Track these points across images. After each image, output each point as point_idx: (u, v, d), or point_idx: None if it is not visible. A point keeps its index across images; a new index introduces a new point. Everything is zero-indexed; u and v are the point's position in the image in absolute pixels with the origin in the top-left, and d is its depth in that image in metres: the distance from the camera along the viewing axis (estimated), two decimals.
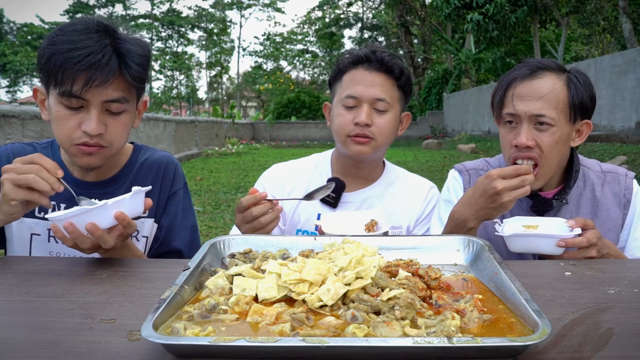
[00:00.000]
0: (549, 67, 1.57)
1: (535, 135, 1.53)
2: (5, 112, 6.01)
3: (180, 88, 49.81)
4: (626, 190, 1.65)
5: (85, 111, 1.37)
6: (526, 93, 1.53)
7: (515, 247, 1.42)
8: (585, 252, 1.36)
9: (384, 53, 1.70)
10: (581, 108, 1.55)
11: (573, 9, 18.45)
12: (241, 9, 47.79)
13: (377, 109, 1.69)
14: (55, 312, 0.92)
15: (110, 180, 1.58)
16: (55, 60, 1.31)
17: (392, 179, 1.88)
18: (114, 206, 1.18)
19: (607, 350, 0.77)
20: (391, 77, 1.70)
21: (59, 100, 1.36)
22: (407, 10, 29.76)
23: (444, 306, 0.91)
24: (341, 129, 1.71)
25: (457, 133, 22.15)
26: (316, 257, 1.05)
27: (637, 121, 10.85)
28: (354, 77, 1.71)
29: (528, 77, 1.55)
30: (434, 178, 9.19)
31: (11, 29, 41.77)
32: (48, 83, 1.37)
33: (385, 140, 1.74)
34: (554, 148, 1.53)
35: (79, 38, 1.33)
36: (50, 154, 1.58)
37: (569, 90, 1.53)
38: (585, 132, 1.62)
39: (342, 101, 1.71)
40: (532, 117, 1.52)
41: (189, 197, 1.72)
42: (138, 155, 1.66)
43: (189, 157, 14.67)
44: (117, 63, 1.35)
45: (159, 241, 1.62)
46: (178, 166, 1.72)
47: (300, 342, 0.70)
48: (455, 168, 1.84)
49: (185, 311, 0.87)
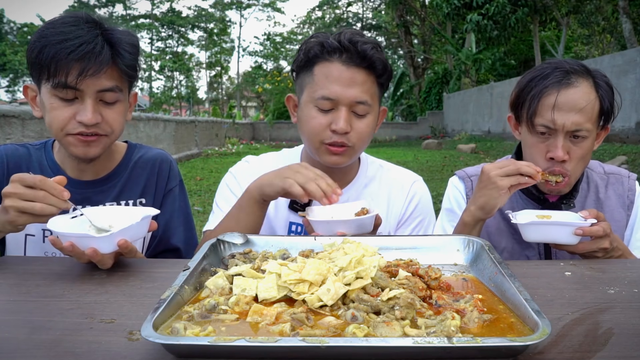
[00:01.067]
0: (578, 72, 1.51)
1: (569, 147, 1.51)
2: (5, 112, 6.01)
3: (180, 88, 49.84)
4: (629, 191, 1.66)
5: (80, 102, 1.38)
6: (564, 104, 1.47)
7: (530, 236, 1.40)
8: (599, 242, 1.35)
9: (365, 44, 1.43)
10: (607, 115, 1.55)
11: (573, 9, 18.45)
12: (241, 9, 47.81)
13: (357, 113, 1.48)
14: (55, 312, 0.92)
15: (105, 179, 1.58)
16: (47, 52, 1.31)
17: (370, 178, 1.69)
18: (119, 234, 1.14)
19: (607, 350, 0.77)
20: (372, 73, 1.47)
21: (53, 92, 1.36)
22: (407, 10, 29.75)
23: (444, 306, 0.91)
24: (315, 135, 1.49)
25: (457, 133, 22.14)
26: (316, 257, 1.05)
27: (637, 121, 10.85)
28: (329, 73, 1.44)
29: (564, 85, 1.49)
30: (434, 178, 9.20)
31: (11, 29, 41.78)
32: (40, 77, 1.37)
33: (363, 146, 1.55)
34: (583, 158, 1.53)
35: (69, 29, 1.33)
36: (44, 155, 1.57)
37: (601, 99, 1.51)
38: (602, 136, 1.62)
39: (316, 102, 1.47)
40: (569, 130, 1.49)
41: (184, 194, 1.72)
42: (132, 154, 1.65)
43: (189, 157, 14.66)
44: (110, 52, 1.36)
45: (157, 239, 1.62)
46: (173, 163, 1.71)
47: (300, 342, 0.70)
48: (456, 174, 1.80)
49: (185, 311, 0.87)
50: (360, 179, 1.68)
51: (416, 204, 1.68)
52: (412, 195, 1.68)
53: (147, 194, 1.62)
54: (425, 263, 1.07)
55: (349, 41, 1.43)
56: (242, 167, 1.74)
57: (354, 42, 1.43)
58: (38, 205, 1.15)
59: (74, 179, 1.54)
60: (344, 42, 1.43)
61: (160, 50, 47.34)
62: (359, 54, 1.43)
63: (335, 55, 1.45)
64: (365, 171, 1.70)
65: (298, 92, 1.58)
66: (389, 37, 38.04)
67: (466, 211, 1.48)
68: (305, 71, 1.52)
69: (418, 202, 1.68)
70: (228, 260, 1.12)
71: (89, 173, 1.56)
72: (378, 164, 1.75)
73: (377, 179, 1.70)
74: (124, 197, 1.59)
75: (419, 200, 1.69)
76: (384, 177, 1.71)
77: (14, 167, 1.53)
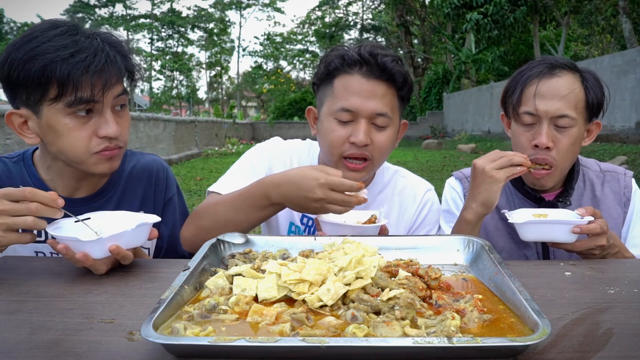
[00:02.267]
0: (565, 66, 1.56)
1: (553, 135, 1.52)
2: (5, 112, 6.01)
3: (180, 88, 49.86)
4: (625, 188, 1.67)
5: (97, 115, 1.29)
6: (547, 92, 1.51)
7: (528, 235, 1.39)
8: (596, 239, 1.35)
9: (385, 57, 1.44)
10: (596, 108, 1.57)
11: (573, 9, 18.45)
12: (240, 9, 47.81)
13: (377, 125, 1.46)
14: (55, 312, 0.92)
15: (99, 193, 1.48)
16: (56, 69, 1.19)
17: (384, 184, 1.69)
18: (110, 240, 1.10)
19: (607, 350, 0.77)
20: (393, 86, 1.46)
21: (67, 112, 1.25)
22: (407, 10, 29.76)
23: (444, 306, 0.91)
24: (334, 148, 1.48)
25: (457, 133, 22.13)
26: (316, 257, 1.05)
27: (637, 121, 10.85)
28: (349, 85, 1.45)
29: (547, 75, 1.54)
30: (434, 178, 9.19)
31: (11, 28, 41.77)
32: (42, 98, 1.23)
33: (383, 159, 1.54)
34: (570, 149, 1.54)
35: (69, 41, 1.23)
36: (25, 171, 1.43)
37: (586, 90, 1.54)
38: (594, 131, 1.63)
39: (335, 114, 1.46)
40: (553, 118, 1.51)
41: (182, 200, 1.68)
42: (124, 163, 1.54)
43: (189, 157, 14.67)
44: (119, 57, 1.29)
45: (163, 250, 1.58)
46: (169, 171, 1.65)
47: (300, 342, 0.70)
48: (454, 176, 1.81)
49: (185, 311, 0.87)
50: (375, 184, 1.68)
51: (426, 213, 1.69)
52: (423, 204, 1.69)
53: (146, 206, 1.55)
54: (425, 263, 1.07)
55: (369, 54, 1.43)
56: (270, 146, 1.72)
57: (374, 55, 1.43)
58: (30, 219, 1.07)
59: (67, 197, 1.39)
60: (364, 54, 1.44)
61: (160, 50, 47.36)
62: (379, 67, 1.43)
63: (355, 67, 1.45)
64: (382, 177, 1.70)
65: (318, 105, 1.58)
66: (389, 37, 38.06)
67: (467, 209, 1.48)
68: (325, 84, 1.52)
69: (428, 212, 1.69)
70: (228, 260, 1.12)
71: (83, 189, 1.46)
72: (393, 169, 1.75)
73: (392, 186, 1.70)
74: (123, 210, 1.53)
75: (429, 209, 1.70)
76: (398, 183, 1.71)
77: None
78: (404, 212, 1.68)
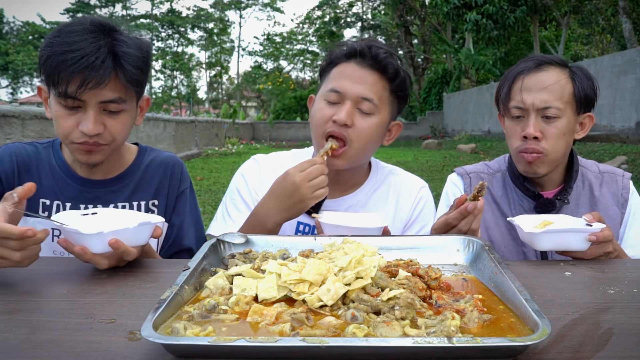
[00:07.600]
0: (553, 62, 1.61)
1: (542, 126, 1.56)
2: (5, 112, 6.01)
3: (180, 88, 49.85)
4: (623, 189, 1.69)
5: (83, 111, 1.38)
6: (532, 85, 1.57)
7: (543, 244, 1.35)
8: (604, 246, 1.33)
9: (380, 49, 1.52)
10: (585, 100, 1.60)
11: (573, 9, 18.46)
12: (240, 8, 47.80)
13: (362, 110, 1.50)
14: (55, 312, 0.92)
15: (116, 179, 1.59)
16: (52, 62, 1.32)
17: (379, 182, 1.72)
18: (110, 234, 1.11)
19: (607, 350, 0.77)
20: (384, 77, 1.52)
21: (57, 100, 1.37)
22: (407, 10, 29.75)
23: (444, 306, 0.91)
24: (318, 127, 1.54)
25: (457, 133, 22.14)
26: (316, 257, 1.05)
27: (637, 121, 10.85)
28: (343, 71, 1.53)
29: (533, 69, 1.59)
30: (434, 178, 9.19)
31: (11, 28, 41.78)
32: (48, 83, 1.38)
33: (362, 147, 1.54)
34: (560, 139, 1.57)
35: (73, 40, 1.33)
36: (52, 154, 1.59)
37: (574, 82, 1.58)
38: (588, 124, 1.67)
39: (325, 95, 1.54)
40: (540, 109, 1.55)
41: (194, 196, 1.76)
42: (144, 157, 1.68)
43: (189, 157, 14.67)
44: (112, 65, 1.34)
45: (171, 240, 1.64)
46: (184, 166, 1.75)
47: (300, 342, 0.70)
48: (455, 171, 1.84)
49: (185, 311, 0.87)
50: (369, 183, 1.71)
51: (421, 209, 1.71)
52: (418, 200, 1.71)
53: (160, 196, 1.65)
54: (425, 263, 1.07)
55: (367, 46, 1.53)
56: (251, 167, 1.75)
57: (370, 47, 1.53)
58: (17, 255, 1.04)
59: (85, 177, 1.55)
60: (362, 46, 1.53)
61: (160, 50, 47.33)
62: (372, 57, 1.51)
63: (352, 57, 1.54)
64: (375, 176, 1.73)
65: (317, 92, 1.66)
66: (389, 37, 38.05)
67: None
68: (326, 73, 1.61)
69: (423, 207, 1.71)
70: (228, 260, 1.12)
71: (99, 173, 1.57)
72: (388, 169, 1.78)
73: (387, 184, 1.73)
74: (137, 198, 1.61)
75: (424, 205, 1.72)
76: (392, 182, 1.74)
77: (23, 167, 1.54)
78: (400, 209, 1.70)
